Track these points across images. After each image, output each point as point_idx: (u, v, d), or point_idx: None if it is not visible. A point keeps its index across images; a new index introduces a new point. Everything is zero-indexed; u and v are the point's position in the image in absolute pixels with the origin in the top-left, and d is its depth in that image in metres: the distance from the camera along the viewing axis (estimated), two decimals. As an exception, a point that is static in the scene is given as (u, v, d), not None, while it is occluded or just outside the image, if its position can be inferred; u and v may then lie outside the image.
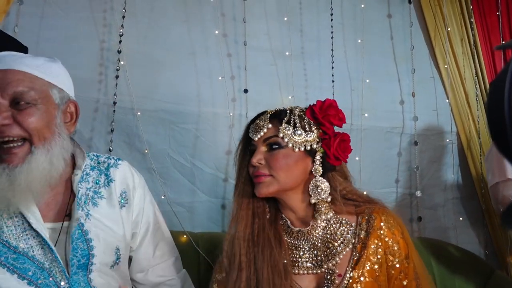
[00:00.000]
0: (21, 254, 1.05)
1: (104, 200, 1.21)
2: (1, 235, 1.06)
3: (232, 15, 2.24)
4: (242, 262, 1.09)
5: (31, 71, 1.07)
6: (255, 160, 1.11)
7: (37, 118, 1.05)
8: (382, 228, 1.10)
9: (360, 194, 1.20)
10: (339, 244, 1.10)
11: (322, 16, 2.39)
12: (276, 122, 1.13)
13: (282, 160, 1.10)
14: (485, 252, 2.44)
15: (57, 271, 1.07)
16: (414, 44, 2.44)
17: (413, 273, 1.10)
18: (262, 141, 1.13)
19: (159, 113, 2.05)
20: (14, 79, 1.04)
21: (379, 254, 1.08)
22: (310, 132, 1.12)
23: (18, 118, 1.03)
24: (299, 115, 1.15)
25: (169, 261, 1.36)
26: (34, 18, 1.89)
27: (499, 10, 2.46)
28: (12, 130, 1.02)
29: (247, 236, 1.12)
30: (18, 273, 1.04)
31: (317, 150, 1.13)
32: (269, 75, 2.27)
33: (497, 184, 1.91)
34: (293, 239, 1.14)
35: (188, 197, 2.07)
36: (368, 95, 2.40)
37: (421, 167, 2.40)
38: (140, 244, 1.31)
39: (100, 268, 1.14)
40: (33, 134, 1.05)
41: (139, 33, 2.07)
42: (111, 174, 1.25)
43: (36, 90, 1.06)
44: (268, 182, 1.11)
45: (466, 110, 2.47)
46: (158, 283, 1.33)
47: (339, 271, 1.07)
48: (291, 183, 1.12)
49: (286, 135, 1.10)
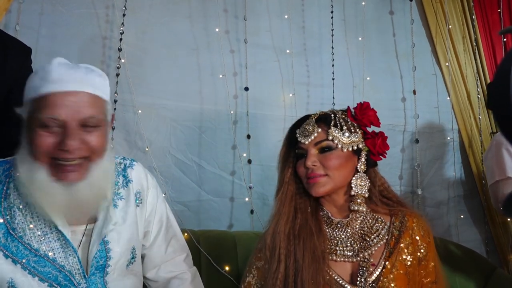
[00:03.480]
0: (41, 257, 1.06)
1: (123, 201, 1.22)
2: (23, 237, 1.07)
3: (234, 12, 2.23)
4: (281, 255, 1.18)
5: (97, 93, 1.08)
6: (309, 162, 1.19)
7: (102, 139, 1.08)
8: (414, 228, 1.21)
9: (394, 194, 1.30)
10: (375, 237, 1.19)
11: (323, 13, 2.38)
12: (324, 126, 1.22)
13: (336, 161, 1.19)
14: (486, 249, 2.45)
15: (76, 273, 1.09)
16: (415, 42, 2.43)
17: (434, 277, 1.20)
18: (313, 144, 1.21)
19: (160, 110, 2.04)
20: (86, 103, 1.05)
21: (410, 250, 1.18)
22: (355, 133, 1.22)
23: (86, 140, 1.04)
24: (342, 117, 1.24)
25: (180, 257, 1.39)
26: (35, 16, 1.88)
27: (500, 8, 2.46)
28: (81, 152, 1.03)
29: (288, 230, 1.21)
30: (39, 276, 1.06)
31: (362, 149, 1.23)
32: (271, 73, 2.27)
33: (496, 183, 1.91)
34: (332, 229, 1.23)
35: (190, 196, 2.07)
36: (370, 92, 2.39)
37: (422, 165, 2.40)
38: (153, 242, 1.33)
39: (116, 269, 1.16)
40: (95, 154, 1.07)
41: (140, 30, 2.07)
42: (129, 174, 1.27)
43: (100, 113, 1.08)
44: (324, 181, 1.19)
45: (467, 107, 2.46)
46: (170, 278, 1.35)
47: (373, 261, 1.16)
48: (343, 181, 1.21)
49: (336, 138, 1.19)
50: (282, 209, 1.24)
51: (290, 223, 1.22)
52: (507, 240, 2.31)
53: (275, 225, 1.22)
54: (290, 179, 1.26)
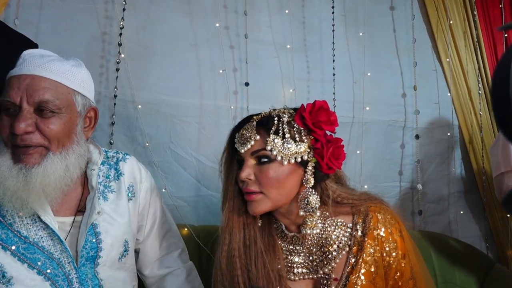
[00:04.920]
0: (31, 244, 1.07)
1: (114, 194, 1.22)
2: (13, 225, 1.07)
3: (234, 8, 2.22)
4: (240, 280, 1.06)
5: (58, 79, 1.07)
6: (243, 175, 1.03)
7: (59, 127, 1.06)
8: (379, 227, 1.06)
9: (356, 197, 1.13)
10: (335, 248, 1.07)
11: (324, 8, 2.37)
12: (264, 133, 1.04)
13: (272, 176, 1.01)
14: (485, 245, 2.45)
15: (66, 262, 1.09)
16: (416, 37, 2.42)
17: (409, 273, 1.07)
18: (249, 154, 1.04)
19: (160, 106, 2.04)
20: (41, 86, 1.04)
21: (376, 255, 1.05)
22: (300, 142, 1.03)
23: (41, 126, 1.03)
24: (288, 122, 1.05)
25: (175, 253, 1.39)
26: (34, 10, 1.87)
27: (501, 3, 2.45)
28: (33, 138, 1.03)
29: (241, 251, 1.08)
30: (28, 263, 1.06)
31: (309, 160, 1.04)
32: (271, 68, 2.26)
33: (501, 174, 1.92)
34: (287, 243, 1.11)
35: (189, 191, 2.07)
36: (370, 88, 2.39)
37: (423, 160, 2.40)
38: (147, 236, 1.33)
39: (107, 261, 1.16)
40: (52, 142, 1.05)
41: (140, 25, 2.06)
42: (121, 168, 1.27)
43: (61, 99, 1.06)
44: (260, 200, 1.03)
45: (468, 103, 2.46)
46: (165, 274, 1.36)
47: (335, 275, 1.05)
48: (284, 199, 1.05)
49: (275, 148, 1.01)
50: (231, 226, 1.09)
51: (242, 242, 1.08)
52: (507, 236, 2.32)
53: (228, 247, 1.08)
54: (234, 191, 1.09)
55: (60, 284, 1.07)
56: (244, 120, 1.12)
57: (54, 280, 1.06)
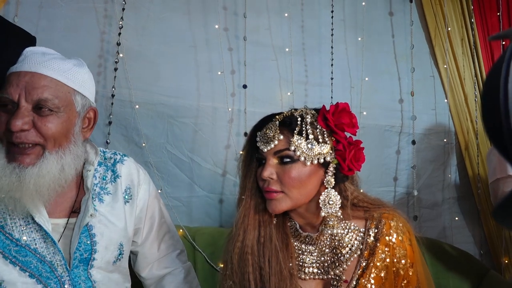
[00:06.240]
0: (23, 247, 1.05)
1: (110, 196, 1.21)
2: (5, 227, 1.06)
3: (233, 10, 2.23)
4: (251, 277, 1.07)
5: (59, 77, 1.06)
6: (266, 173, 1.04)
7: (56, 126, 1.04)
8: (391, 234, 1.08)
9: (371, 201, 1.16)
10: (347, 251, 1.08)
11: (323, 12, 2.38)
12: (287, 133, 1.05)
13: (295, 176, 1.03)
14: (480, 252, 2.46)
15: (58, 265, 1.08)
16: (414, 43, 2.43)
17: (415, 282, 1.09)
18: (272, 153, 1.05)
19: (157, 106, 2.04)
20: (40, 84, 1.02)
21: (386, 261, 1.07)
22: (323, 143, 1.04)
23: (38, 124, 1.02)
24: (311, 122, 1.07)
25: (173, 254, 1.39)
26: (34, 8, 1.87)
27: (499, 11, 2.46)
28: (29, 136, 1.01)
29: (255, 249, 1.09)
30: (20, 266, 1.05)
31: (331, 161, 1.06)
32: (269, 71, 2.27)
33: (497, 181, 1.92)
34: (300, 243, 1.12)
35: (185, 192, 2.06)
36: (368, 93, 2.40)
37: (419, 166, 2.41)
38: (145, 239, 1.32)
39: (101, 263, 1.15)
40: (48, 141, 1.04)
41: (139, 25, 2.06)
42: (118, 170, 1.25)
43: (60, 98, 1.05)
44: (280, 199, 1.05)
45: (464, 110, 2.47)
46: (163, 275, 1.35)
47: (346, 278, 1.07)
48: (304, 199, 1.06)
49: (298, 148, 1.03)
50: (246, 223, 1.09)
51: (256, 239, 1.09)
52: (501, 243, 2.32)
53: (242, 243, 1.09)
54: (252, 188, 1.10)
55: (52, 286, 1.06)
56: (265, 118, 1.12)
57: (47, 283, 1.06)
